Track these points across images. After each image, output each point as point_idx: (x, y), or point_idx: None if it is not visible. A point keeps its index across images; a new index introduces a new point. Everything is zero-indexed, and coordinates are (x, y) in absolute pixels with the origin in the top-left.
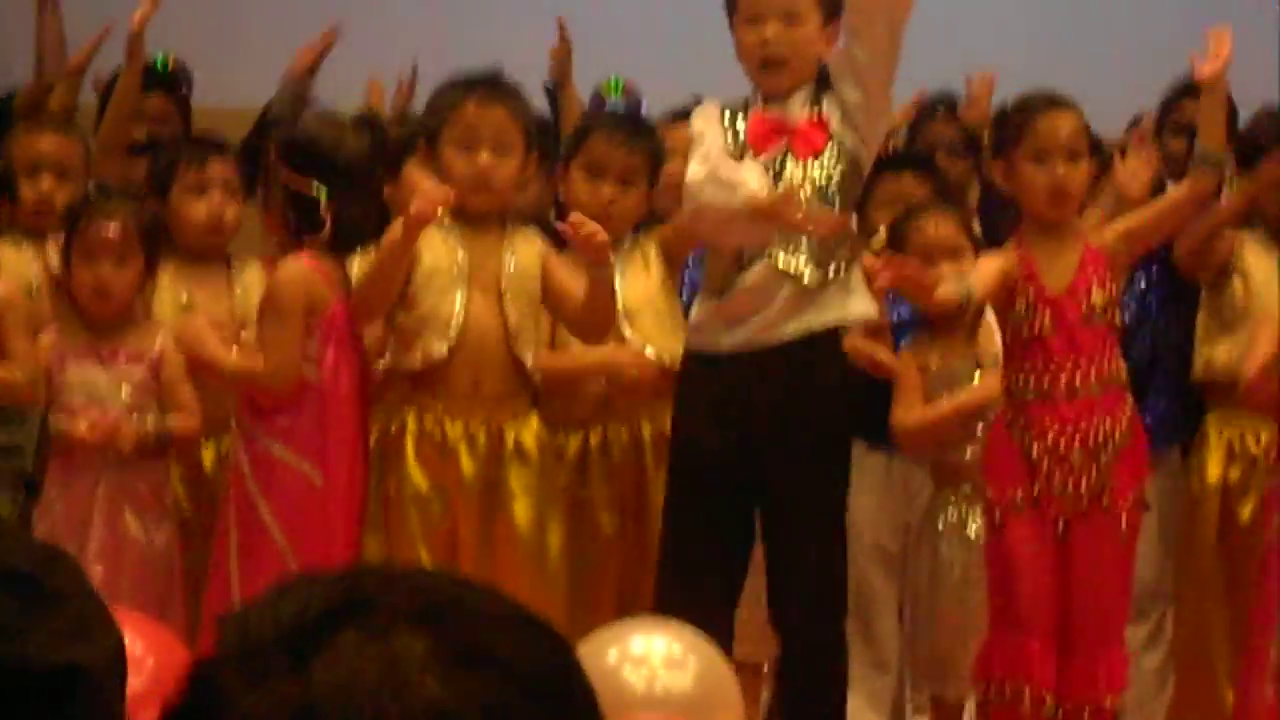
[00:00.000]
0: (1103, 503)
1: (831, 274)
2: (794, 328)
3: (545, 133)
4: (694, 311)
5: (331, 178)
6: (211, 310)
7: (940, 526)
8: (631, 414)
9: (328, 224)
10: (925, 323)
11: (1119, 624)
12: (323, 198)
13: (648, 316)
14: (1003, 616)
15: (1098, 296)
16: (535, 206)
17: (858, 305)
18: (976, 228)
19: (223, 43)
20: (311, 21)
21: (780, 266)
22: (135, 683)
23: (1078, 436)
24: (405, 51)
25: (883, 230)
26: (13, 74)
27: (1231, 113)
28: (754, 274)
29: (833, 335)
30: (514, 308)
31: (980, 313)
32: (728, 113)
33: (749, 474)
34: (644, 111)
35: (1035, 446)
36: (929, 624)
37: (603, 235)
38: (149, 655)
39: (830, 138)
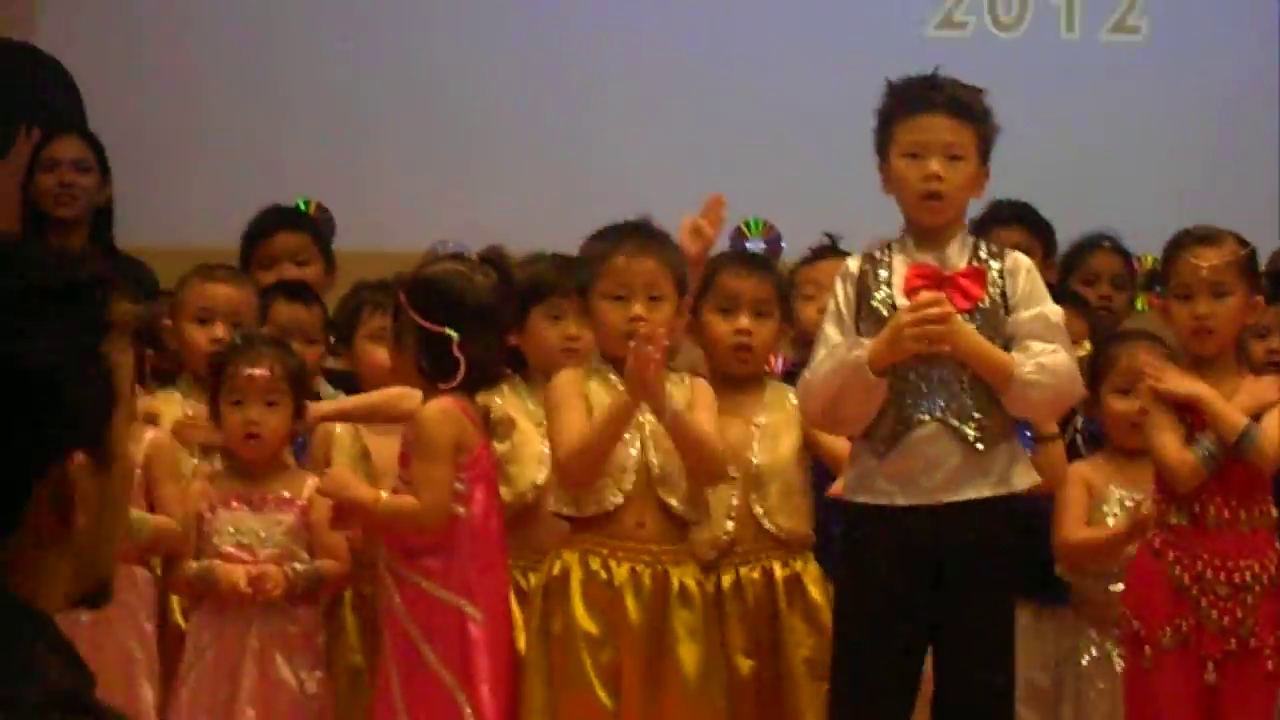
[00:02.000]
0: (1249, 644)
1: (995, 434)
2: (969, 493)
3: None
4: (855, 462)
5: (462, 320)
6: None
7: (1084, 663)
8: (763, 555)
9: (461, 366)
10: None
11: None
12: (454, 340)
13: (775, 486)
14: None
15: None
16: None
17: (1023, 474)
18: None
19: (363, 185)
20: (447, 164)
21: (948, 423)
22: None
23: (1224, 570)
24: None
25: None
26: None
27: None
28: (921, 434)
29: (1004, 501)
30: (658, 452)
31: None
32: (868, 268)
33: (927, 617)
34: (783, 249)
35: (1185, 574)
36: None
37: (649, 367)
38: None
39: (991, 290)
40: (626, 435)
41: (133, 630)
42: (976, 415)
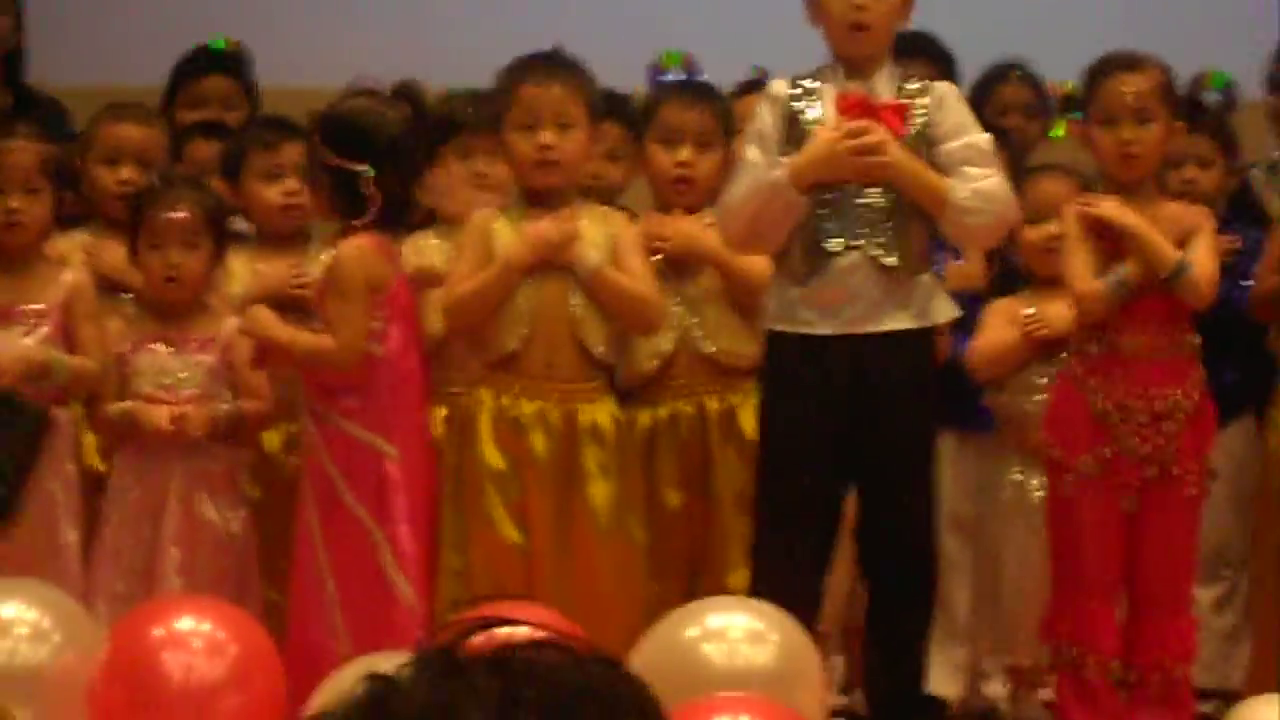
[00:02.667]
0: (1171, 471)
1: (915, 264)
2: (889, 323)
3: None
4: (776, 291)
5: (374, 156)
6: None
7: (1006, 490)
8: (697, 390)
9: (375, 203)
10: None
11: (1186, 593)
12: (367, 176)
13: (712, 310)
14: (1067, 581)
15: None
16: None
17: (943, 308)
18: None
19: (280, 22)
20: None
21: (869, 253)
22: (219, 667)
23: (1144, 398)
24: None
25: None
26: None
27: None
28: (843, 262)
29: (926, 333)
30: (580, 294)
31: None
32: (795, 93)
33: (847, 450)
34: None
35: (1104, 403)
36: (996, 590)
37: (558, 232)
38: (231, 641)
39: (916, 124)
40: (531, 278)
41: (54, 472)
42: (898, 245)
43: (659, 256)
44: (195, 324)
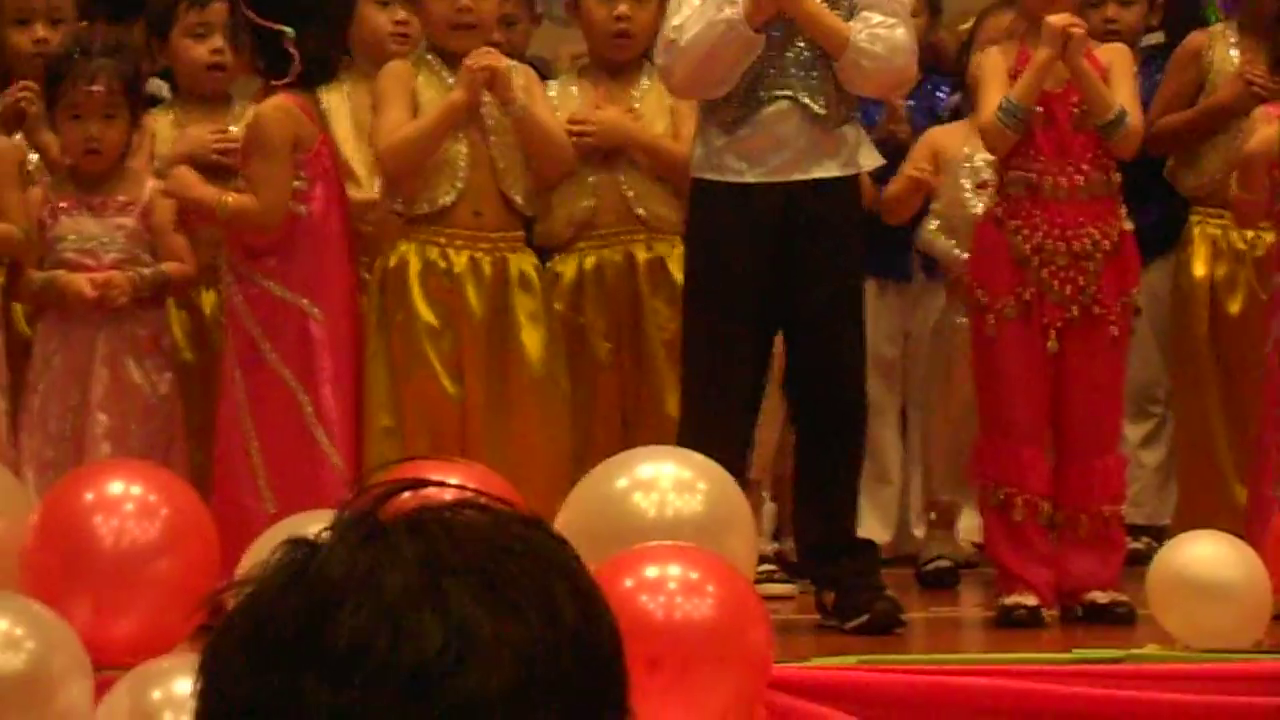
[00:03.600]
0: (1093, 311)
1: (842, 112)
2: (817, 170)
3: None
4: (703, 140)
5: (296, 15)
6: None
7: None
8: (625, 238)
9: (296, 62)
10: None
11: (1113, 431)
12: (289, 36)
13: (661, 122)
14: (994, 423)
15: None
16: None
17: (868, 155)
18: None
19: None
20: None
21: (799, 100)
22: (151, 530)
23: (1064, 239)
24: None
25: None
26: None
27: None
28: (772, 110)
29: (853, 180)
30: (499, 148)
31: None
32: None
33: (775, 296)
34: None
35: (1024, 245)
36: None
37: (484, 61)
38: (163, 504)
39: None
40: (455, 136)
41: None
42: (824, 92)
43: (587, 140)
44: (115, 188)
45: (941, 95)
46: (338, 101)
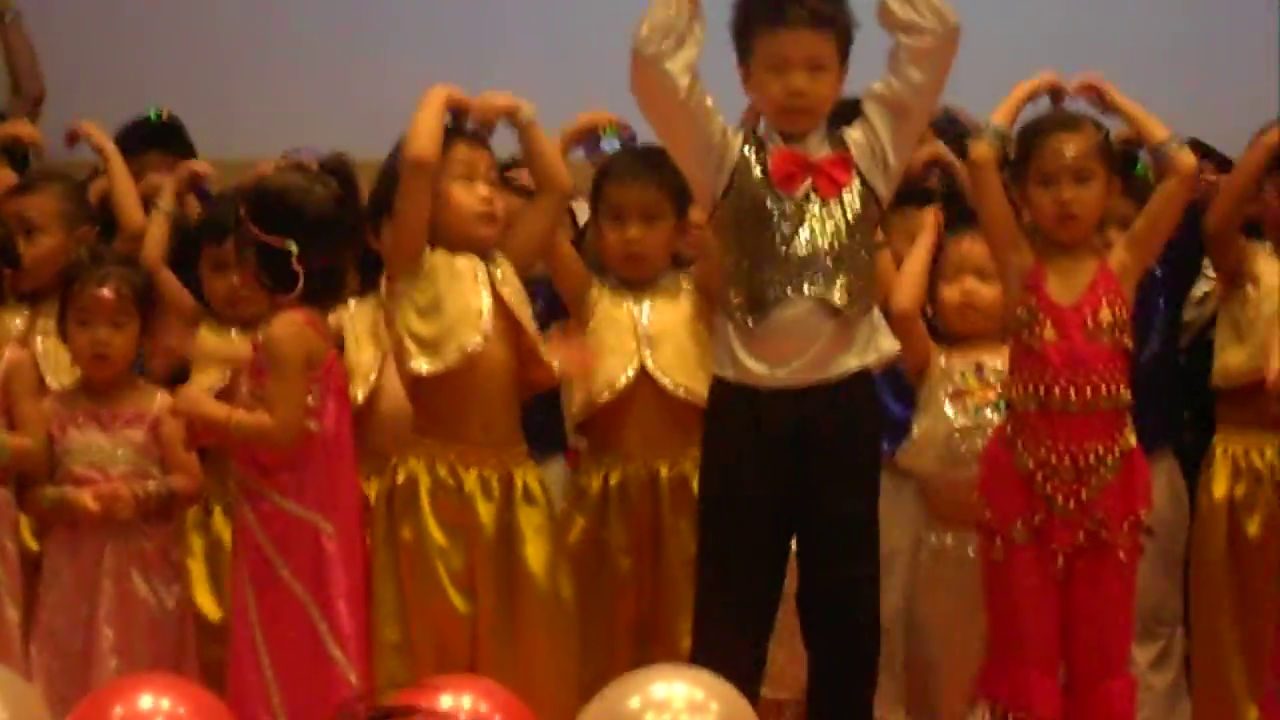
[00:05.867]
0: (1100, 536)
1: (861, 297)
2: (836, 370)
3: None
4: (721, 336)
5: (301, 232)
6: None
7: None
8: (649, 455)
9: (300, 279)
10: None
11: (1122, 654)
12: (293, 253)
13: (668, 347)
14: (1003, 645)
15: (1105, 315)
16: None
17: (886, 342)
18: None
19: (215, 95)
20: (305, 71)
21: (817, 295)
22: None
23: (1069, 453)
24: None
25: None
26: None
27: None
28: (790, 312)
29: (867, 374)
30: (520, 309)
31: None
32: (748, 150)
33: (790, 504)
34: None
35: (1031, 461)
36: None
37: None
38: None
39: (854, 172)
40: (477, 288)
41: None
42: (840, 279)
43: None
44: (124, 400)
45: None
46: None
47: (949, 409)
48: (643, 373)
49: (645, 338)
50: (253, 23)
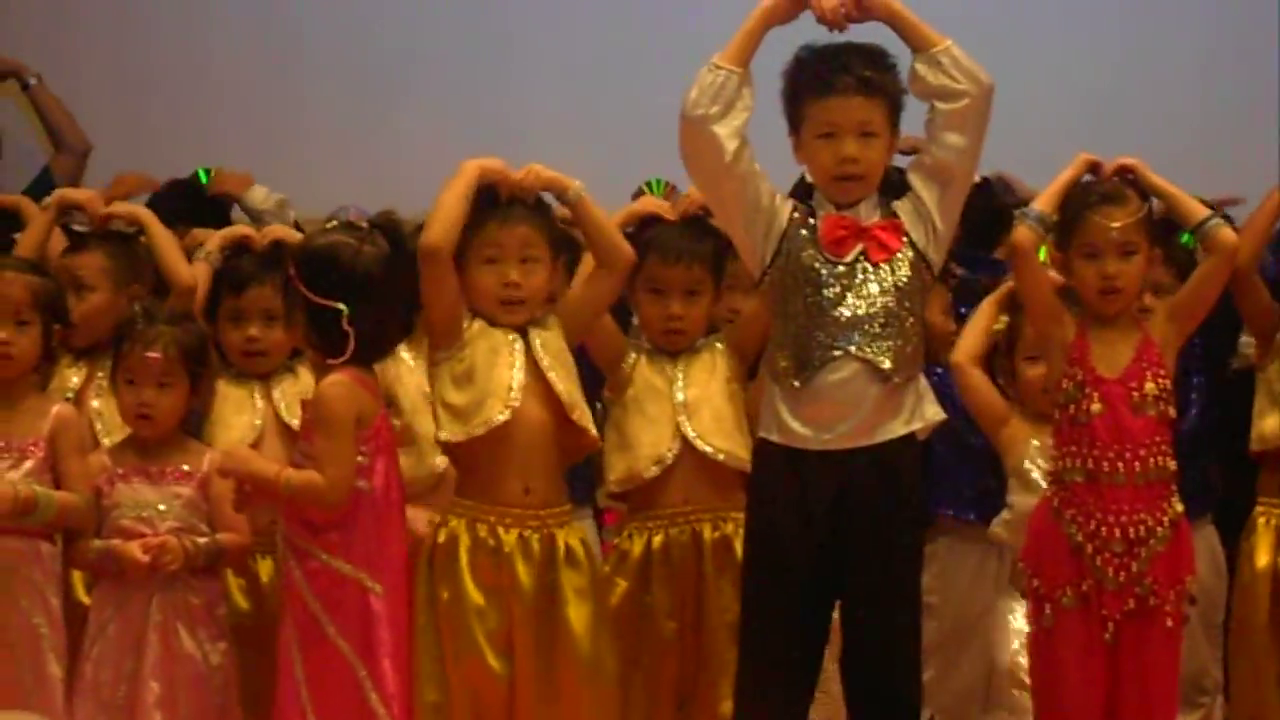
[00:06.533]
0: (1148, 602)
1: (908, 363)
2: (881, 435)
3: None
4: (767, 398)
5: (350, 293)
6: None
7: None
8: (692, 517)
9: (351, 340)
10: None
11: None
12: (344, 314)
13: (705, 413)
14: (1050, 713)
15: (1150, 387)
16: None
17: (931, 410)
18: None
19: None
20: (348, 127)
21: (864, 358)
22: None
23: (1119, 525)
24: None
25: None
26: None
27: None
28: (836, 375)
29: (912, 439)
30: (560, 378)
31: None
32: (797, 214)
33: (833, 567)
34: None
35: (1080, 533)
36: None
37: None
38: None
39: (905, 240)
40: (511, 360)
41: (39, 606)
42: (888, 343)
43: None
44: (173, 457)
45: None
46: (407, 371)
47: (1044, 483)
48: (684, 441)
49: (683, 405)
50: (282, 78)
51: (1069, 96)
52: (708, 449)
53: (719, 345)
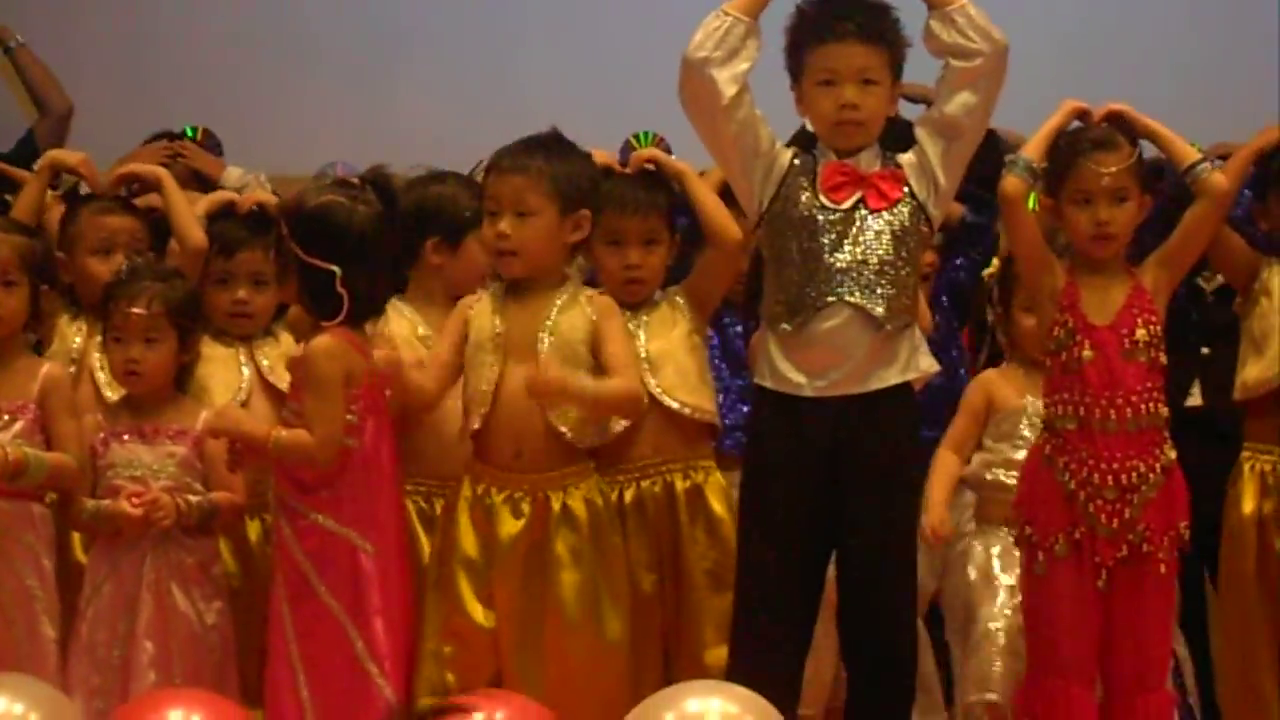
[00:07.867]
0: (1142, 549)
1: (902, 312)
2: (875, 383)
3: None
4: (762, 347)
5: (344, 255)
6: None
7: (972, 574)
8: (664, 468)
9: (345, 300)
10: None
11: (1161, 668)
12: (338, 275)
13: (669, 368)
14: (1043, 660)
15: (1141, 333)
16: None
17: (926, 361)
18: None
19: (236, 110)
20: (345, 87)
21: (857, 305)
22: None
23: (1111, 473)
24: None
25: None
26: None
27: None
28: (830, 323)
29: (907, 388)
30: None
31: None
32: (797, 161)
33: (828, 516)
34: None
35: (1072, 480)
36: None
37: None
38: None
39: (905, 189)
40: (489, 364)
41: (32, 568)
42: (882, 290)
43: None
44: (167, 415)
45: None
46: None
47: (1031, 435)
48: (649, 396)
49: (645, 361)
50: (278, 38)
51: (1053, 41)
52: (674, 404)
53: (679, 299)
